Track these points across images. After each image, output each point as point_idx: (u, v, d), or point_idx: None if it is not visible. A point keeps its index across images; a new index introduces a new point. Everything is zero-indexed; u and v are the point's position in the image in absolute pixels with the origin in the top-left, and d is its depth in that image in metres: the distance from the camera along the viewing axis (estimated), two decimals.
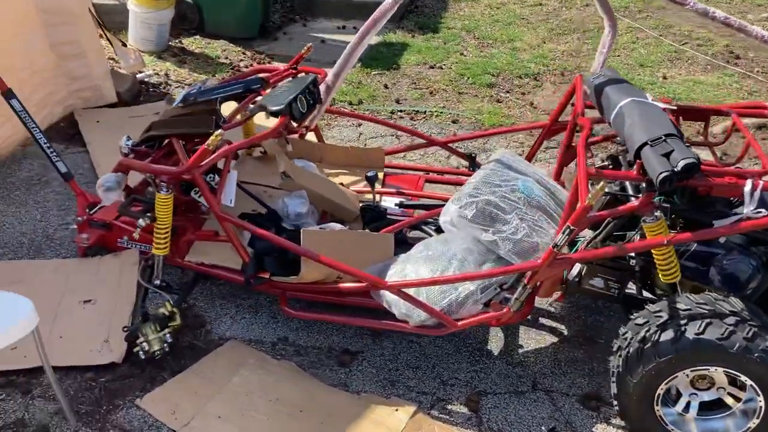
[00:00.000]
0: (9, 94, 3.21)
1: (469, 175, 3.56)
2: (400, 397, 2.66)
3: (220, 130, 2.47)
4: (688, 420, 2.41)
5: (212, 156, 2.52)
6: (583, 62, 6.12)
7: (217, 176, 2.85)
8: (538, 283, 2.54)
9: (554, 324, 3.08)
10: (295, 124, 2.90)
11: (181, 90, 5.33)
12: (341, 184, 3.33)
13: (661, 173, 2.20)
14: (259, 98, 2.98)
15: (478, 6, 7.59)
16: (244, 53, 6.18)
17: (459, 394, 2.69)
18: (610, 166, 2.81)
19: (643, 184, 2.41)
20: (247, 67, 5.94)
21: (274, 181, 3.34)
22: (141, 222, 2.66)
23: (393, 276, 2.67)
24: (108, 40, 5.25)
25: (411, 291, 2.56)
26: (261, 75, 3.24)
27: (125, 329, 2.74)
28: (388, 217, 3.15)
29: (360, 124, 4.90)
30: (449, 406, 2.64)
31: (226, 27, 6.42)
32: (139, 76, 5.37)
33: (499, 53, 6.28)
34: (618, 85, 2.78)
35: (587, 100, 3.01)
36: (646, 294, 2.72)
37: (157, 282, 2.84)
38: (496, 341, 2.96)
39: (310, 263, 2.57)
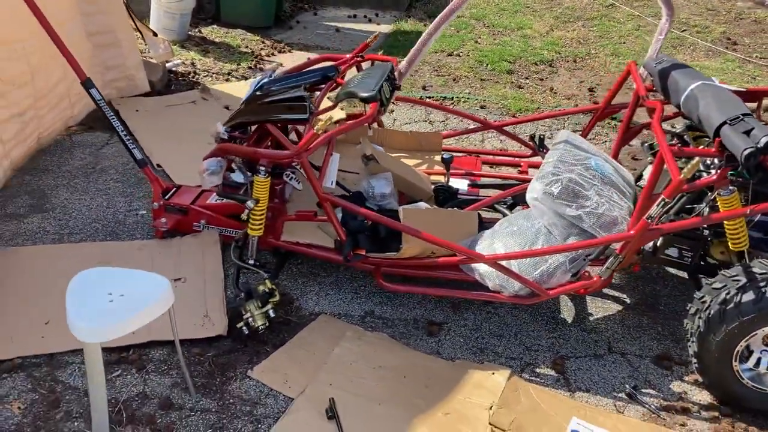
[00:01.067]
0: (89, 84, 3.28)
1: (522, 157, 3.79)
2: (491, 362, 2.86)
3: (329, 114, 2.61)
4: (762, 374, 2.66)
5: (320, 139, 2.66)
6: (592, 49, 6.37)
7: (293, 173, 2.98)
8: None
9: (617, 293, 3.30)
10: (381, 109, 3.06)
11: (210, 78, 5.45)
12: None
13: (745, 149, 2.42)
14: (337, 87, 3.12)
15: None
16: (263, 42, 6.28)
17: (544, 359, 2.90)
18: (679, 144, 3.03)
19: (718, 160, 2.64)
20: (269, 55, 6.04)
21: (346, 165, 3.49)
22: (250, 203, 2.79)
23: (484, 250, 2.85)
24: (138, 29, 5.30)
25: (503, 263, 2.75)
26: (336, 65, 3.38)
27: (227, 310, 2.88)
28: (459, 196, 3.33)
29: (392, 110, 5.06)
30: (537, 370, 2.85)
31: (243, 17, 6.50)
32: (168, 65, 5.44)
33: (511, 41, 6.49)
34: (683, 70, 3.00)
35: (646, 84, 3.22)
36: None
37: (252, 261, 2.97)
38: (567, 310, 3.18)
39: (410, 239, 2.74)
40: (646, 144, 3.18)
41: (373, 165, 3.13)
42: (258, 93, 3.21)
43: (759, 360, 2.67)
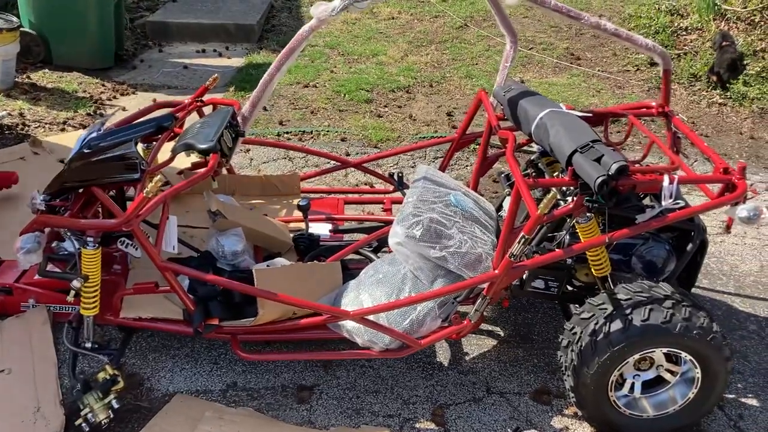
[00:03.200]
0: None
1: (385, 193, 3.65)
2: (368, 424, 2.66)
3: (159, 176, 2.32)
4: (638, 399, 2.63)
5: (151, 203, 2.36)
6: (447, 73, 6.41)
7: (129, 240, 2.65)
8: None
9: (490, 327, 3.22)
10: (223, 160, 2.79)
11: (42, 129, 4.94)
12: (264, 215, 3.26)
13: (597, 177, 2.39)
14: (176, 136, 2.84)
15: (334, 22, 7.67)
16: (104, 85, 5.81)
17: (423, 411, 2.74)
18: (533, 174, 2.99)
19: (572, 188, 2.60)
20: (110, 99, 5.59)
21: (194, 220, 3.20)
22: (76, 284, 2.43)
23: (349, 304, 2.66)
24: None
25: (371, 317, 2.56)
26: (168, 111, 3.09)
27: (62, 402, 2.49)
28: (322, 244, 3.12)
29: (248, 150, 4.80)
30: (417, 425, 2.68)
31: (78, 58, 5.99)
32: None
33: (367, 68, 6.41)
34: (531, 98, 2.97)
35: (497, 113, 3.18)
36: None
37: (89, 344, 2.61)
38: (442, 352, 3.05)
39: (267, 303, 2.49)
40: (503, 174, 3.13)
41: (220, 221, 2.86)
42: (84, 151, 2.85)
43: (632, 385, 2.65)
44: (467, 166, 4.84)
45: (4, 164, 4.40)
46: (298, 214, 3.40)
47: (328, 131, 5.17)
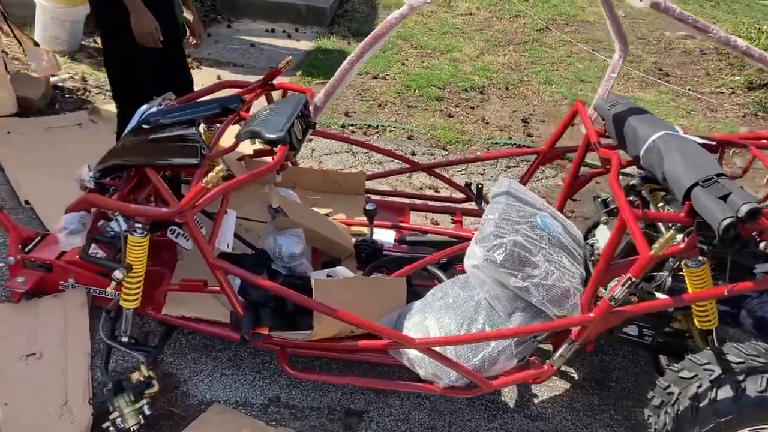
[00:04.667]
0: None
1: (456, 201, 3.34)
2: None
3: (222, 165, 2.05)
4: None
5: (210, 194, 2.10)
6: (524, 76, 6.04)
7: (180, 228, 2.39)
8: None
9: (563, 368, 2.88)
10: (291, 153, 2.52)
11: (103, 97, 4.77)
12: (326, 214, 2.98)
13: (724, 220, 2.03)
14: (242, 121, 2.58)
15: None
16: None
17: None
18: (637, 202, 2.63)
19: (685, 226, 2.25)
20: None
21: (250, 212, 2.94)
22: (117, 274, 2.19)
23: (413, 329, 2.36)
24: (16, 37, 4.57)
25: (437, 348, 2.26)
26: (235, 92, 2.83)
27: (91, 401, 2.27)
28: (385, 254, 2.83)
29: (311, 139, 4.54)
30: None
31: None
32: (52, 79, 4.72)
33: (440, 64, 6.08)
34: (642, 116, 2.61)
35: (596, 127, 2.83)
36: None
37: (125, 339, 2.37)
38: (509, 390, 2.72)
39: (324, 319, 2.21)
40: (599, 199, 2.78)
41: (281, 219, 2.59)
42: (142, 126, 2.62)
43: None
44: (542, 179, 4.48)
45: (58, 129, 4.24)
46: (360, 216, 3.12)
47: (394, 127, 4.87)
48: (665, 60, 6.69)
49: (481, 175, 4.48)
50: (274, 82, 2.98)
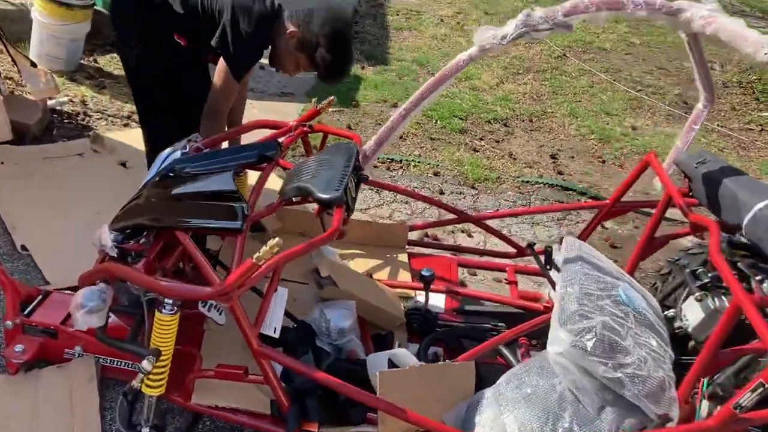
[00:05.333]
0: None
1: (507, 256, 3.01)
2: None
3: (277, 239, 1.71)
4: None
5: (260, 271, 1.75)
6: (548, 108, 5.76)
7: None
8: None
9: None
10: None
11: (105, 122, 4.40)
12: (369, 274, 2.64)
13: None
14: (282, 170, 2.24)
15: (422, 37, 7.09)
16: None
17: None
18: (735, 274, 2.32)
19: None
20: None
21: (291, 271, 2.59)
22: (146, 365, 1.82)
23: (488, 427, 2.01)
24: (10, 55, 4.19)
25: None
26: (273, 137, 2.50)
27: None
28: (439, 322, 2.50)
29: None
30: None
31: None
32: (50, 103, 4.34)
33: (460, 93, 5.78)
34: (740, 178, 2.31)
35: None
36: None
37: (146, 429, 2.01)
38: None
39: (389, 420, 1.87)
40: (687, 271, 2.45)
41: (329, 289, 2.24)
42: (168, 175, 2.27)
43: None
44: (578, 223, 4.17)
45: (58, 159, 3.86)
46: (403, 275, 2.79)
47: (419, 162, 4.55)
48: (689, 92, 6.45)
49: (523, 224, 4.17)
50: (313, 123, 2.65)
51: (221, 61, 2.59)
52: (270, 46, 2.59)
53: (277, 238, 1.71)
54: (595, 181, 4.75)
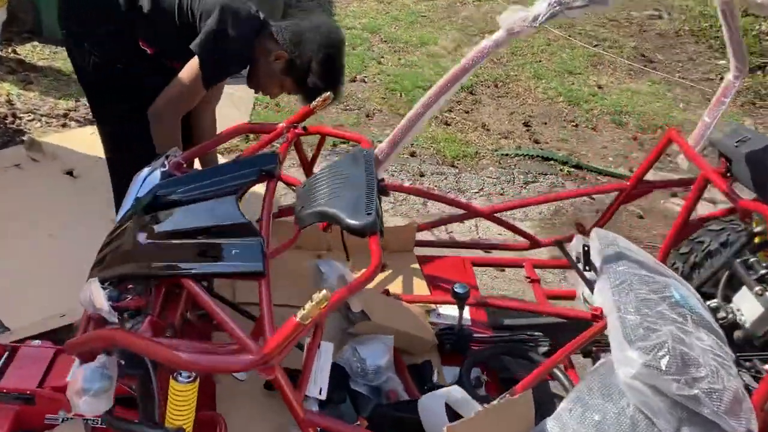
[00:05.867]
0: None
1: (520, 249, 2.79)
2: None
3: (324, 292, 1.40)
4: None
5: (302, 331, 1.44)
6: (510, 70, 5.52)
7: None
8: None
9: None
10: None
11: (39, 124, 3.91)
12: (386, 291, 2.36)
13: None
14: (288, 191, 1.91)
15: (367, 0, 6.69)
16: None
17: None
18: None
19: None
20: None
21: (289, 296, 2.28)
22: None
23: None
24: None
25: None
26: (262, 144, 2.17)
27: None
28: (474, 342, 2.25)
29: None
30: None
31: None
32: None
33: (419, 61, 5.47)
34: None
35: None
36: None
37: None
38: None
39: None
40: (738, 261, 2.25)
41: (363, 324, 1.95)
42: (155, 203, 1.91)
43: None
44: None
45: None
46: (418, 283, 2.53)
47: None
48: (644, 44, 6.34)
49: (500, 195, 3.96)
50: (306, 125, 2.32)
51: (193, 63, 2.24)
52: (249, 65, 2.29)
53: (324, 291, 1.41)
54: (573, 147, 4.58)
